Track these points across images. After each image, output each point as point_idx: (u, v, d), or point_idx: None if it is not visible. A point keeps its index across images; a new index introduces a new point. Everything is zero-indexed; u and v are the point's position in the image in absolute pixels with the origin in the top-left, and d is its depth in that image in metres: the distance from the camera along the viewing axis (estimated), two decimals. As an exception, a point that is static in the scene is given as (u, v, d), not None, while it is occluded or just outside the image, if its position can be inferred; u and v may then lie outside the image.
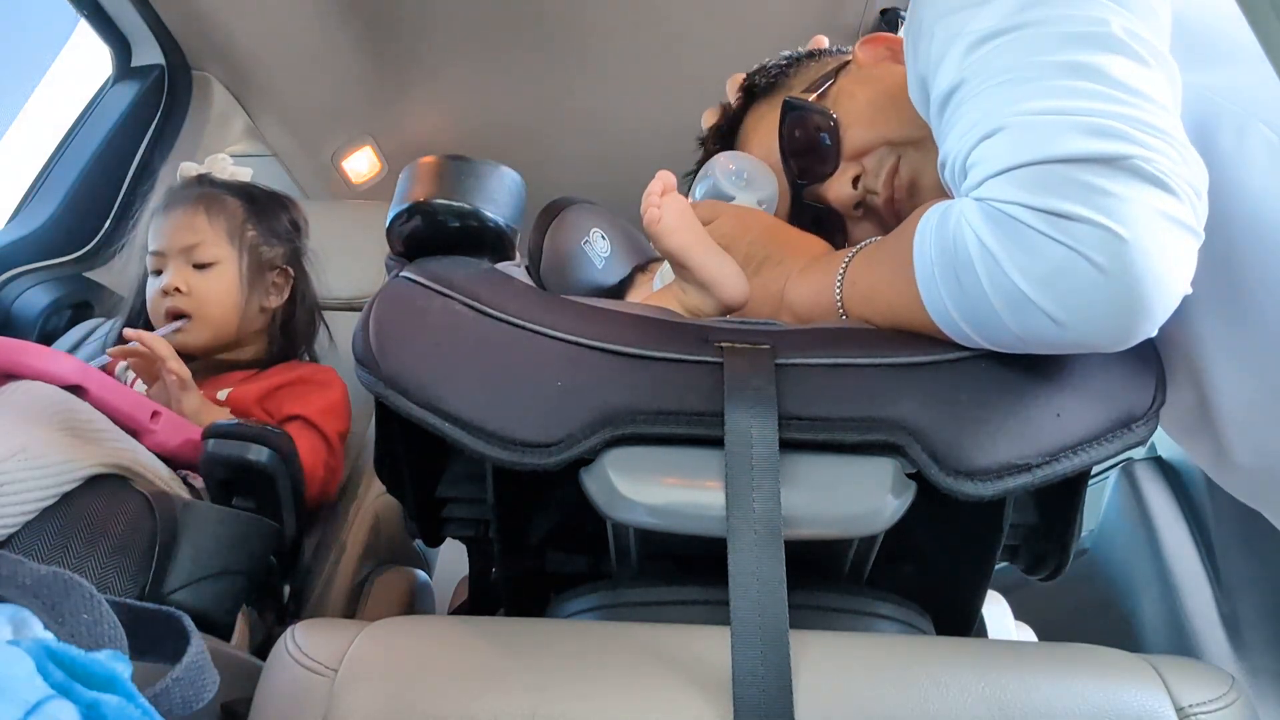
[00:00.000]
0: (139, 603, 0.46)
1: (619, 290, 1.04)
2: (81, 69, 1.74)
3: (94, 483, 0.85)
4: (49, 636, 0.39)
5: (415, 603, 1.33)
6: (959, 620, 0.72)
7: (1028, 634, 1.08)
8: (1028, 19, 0.55)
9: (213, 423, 1.01)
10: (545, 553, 0.74)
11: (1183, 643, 1.38)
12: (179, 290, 1.20)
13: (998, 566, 0.68)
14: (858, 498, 0.55)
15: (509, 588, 0.73)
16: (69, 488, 0.83)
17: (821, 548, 0.60)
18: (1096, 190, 0.49)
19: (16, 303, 1.44)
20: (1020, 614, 1.08)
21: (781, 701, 0.50)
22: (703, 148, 0.97)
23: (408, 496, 0.70)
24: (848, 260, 0.68)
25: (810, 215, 0.84)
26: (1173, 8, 0.59)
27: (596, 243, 1.04)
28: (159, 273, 1.23)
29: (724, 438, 0.55)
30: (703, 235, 0.74)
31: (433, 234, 0.71)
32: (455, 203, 0.70)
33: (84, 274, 1.53)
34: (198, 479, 1.04)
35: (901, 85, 0.69)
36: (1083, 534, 1.06)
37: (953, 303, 0.55)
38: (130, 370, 1.16)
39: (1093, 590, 1.61)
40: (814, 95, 0.83)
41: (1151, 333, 0.52)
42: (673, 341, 0.60)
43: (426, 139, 2.23)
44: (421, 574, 1.40)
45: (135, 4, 1.59)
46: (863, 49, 0.85)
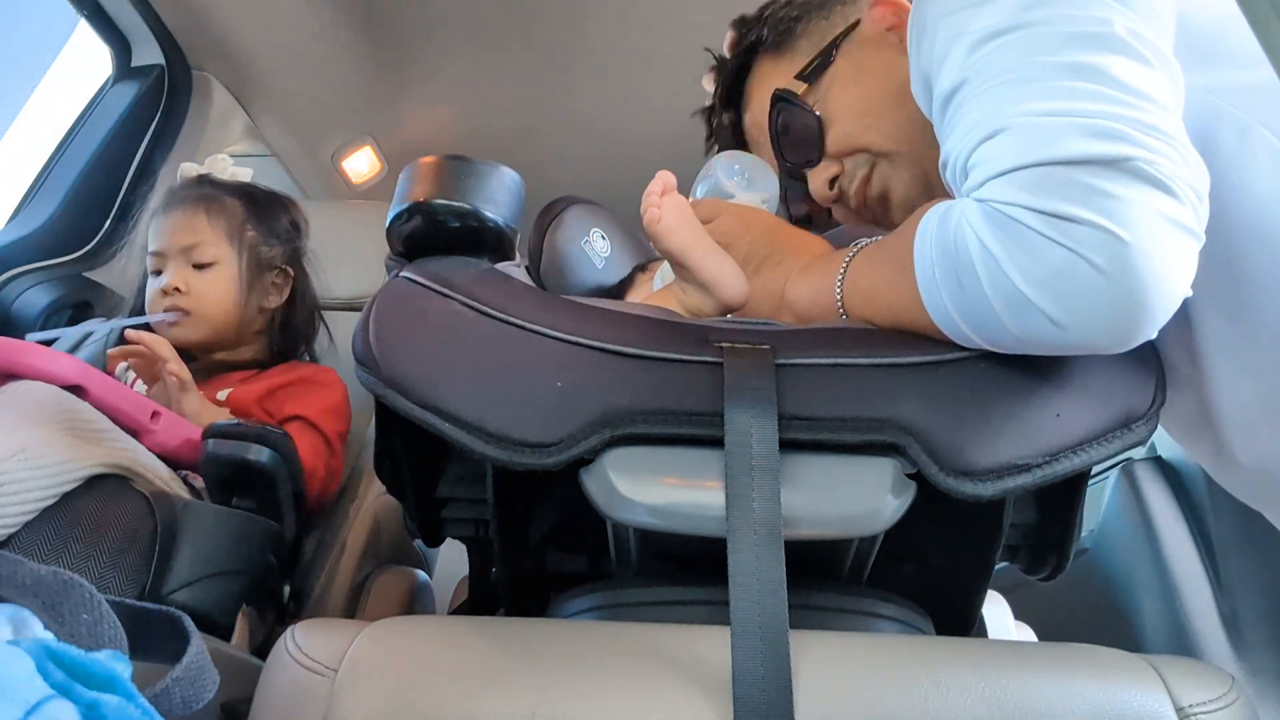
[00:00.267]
0: (139, 603, 0.46)
1: (619, 290, 1.04)
2: (81, 69, 1.74)
3: (94, 483, 0.85)
4: (49, 636, 0.39)
5: (415, 603, 1.33)
6: (959, 620, 0.72)
7: (1028, 634, 1.08)
8: (1030, 18, 0.55)
9: (213, 423, 1.01)
10: (545, 552, 0.74)
11: (1183, 643, 1.38)
12: (179, 290, 1.20)
13: (998, 566, 0.68)
14: (858, 498, 0.55)
15: (509, 588, 0.72)
16: (69, 488, 0.83)
17: (821, 548, 0.60)
18: (1097, 192, 0.49)
19: (16, 303, 1.44)
20: (1020, 614, 1.08)
21: (781, 701, 0.50)
22: (708, 118, 0.96)
23: (408, 496, 0.70)
24: (848, 260, 0.68)
25: (799, 193, 0.85)
26: (1175, 9, 0.59)
27: (596, 242, 1.04)
28: (159, 273, 1.23)
29: (724, 438, 0.55)
30: (703, 235, 0.74)
31: (433, 234, 0.71)
32: (455, 203, 0.70)
33: (84, 274, 1.53)
34: (198, 479, 1.04)
35: (893, 88, 0.69)
36: (1083, 534, 1.06)
37: (953, 303, 0.55)
38: (130, 370, 1.16)
39: (1093, 590, 1.61)
40: (807, 85, 0.82)
41: (1151, 335, 0.52)
42: (673, 341, 0.60)
43: (426, 139, 2.23)
44: (421, 574, 1.40)
45: (135, 4, 1.59)
46: (870, 11, 0.82)
